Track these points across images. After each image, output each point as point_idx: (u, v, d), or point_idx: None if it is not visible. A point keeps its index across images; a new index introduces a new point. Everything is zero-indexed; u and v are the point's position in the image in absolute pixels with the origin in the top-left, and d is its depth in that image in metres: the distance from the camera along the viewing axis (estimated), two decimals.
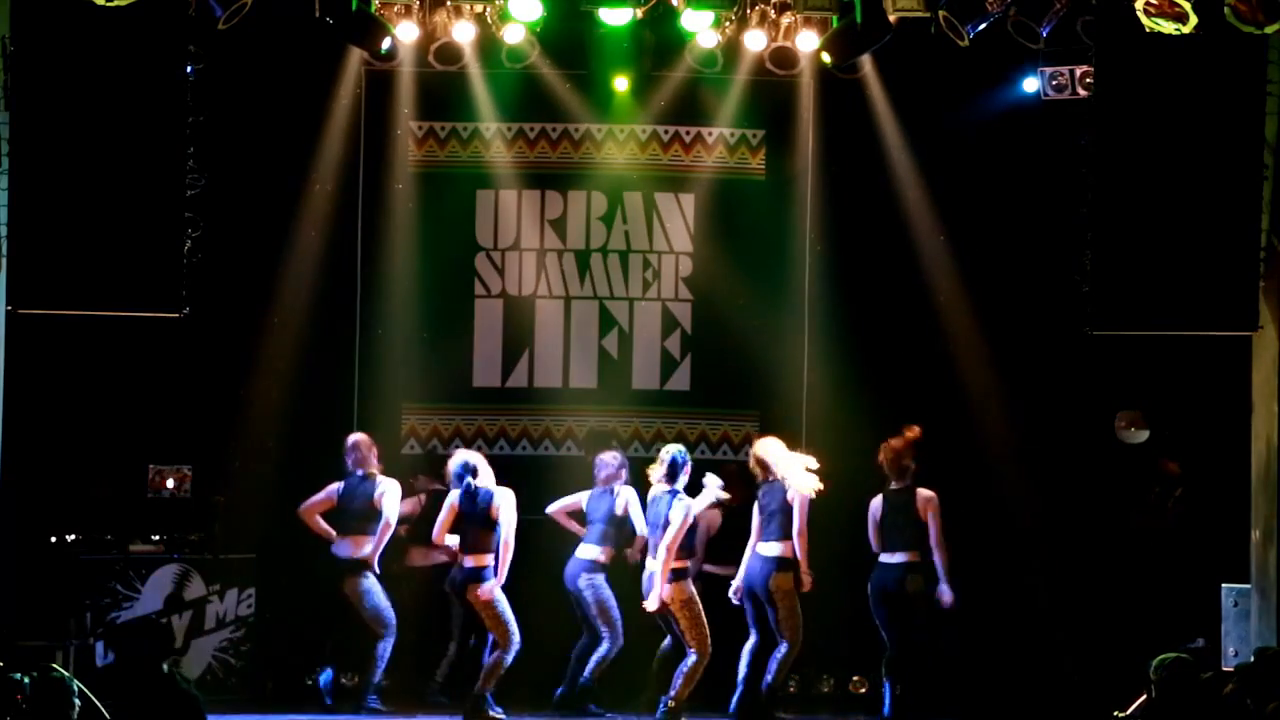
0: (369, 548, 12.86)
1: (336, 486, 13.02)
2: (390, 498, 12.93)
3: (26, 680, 9.20)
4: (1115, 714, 10.10)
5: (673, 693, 12.18)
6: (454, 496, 12.44)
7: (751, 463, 12.66)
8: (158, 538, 13.33)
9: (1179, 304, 12.17)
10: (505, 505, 12.37)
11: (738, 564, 12.65)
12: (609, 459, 12.93)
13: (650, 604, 12.21)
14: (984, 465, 13.71)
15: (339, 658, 13.15)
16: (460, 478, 12.39)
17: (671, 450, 12.42)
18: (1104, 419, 13.87)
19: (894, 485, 12.79)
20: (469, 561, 12.41)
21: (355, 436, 13.17)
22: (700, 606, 12.22)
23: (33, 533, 13.03)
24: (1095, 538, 13.74)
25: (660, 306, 14.37)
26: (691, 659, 12.17)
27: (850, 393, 13.97)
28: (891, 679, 12.62)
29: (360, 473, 13.02)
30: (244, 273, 13.80)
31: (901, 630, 12.62)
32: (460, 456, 12.55)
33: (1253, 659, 10.85)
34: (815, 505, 12.49)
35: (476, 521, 12.38)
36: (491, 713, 12.36)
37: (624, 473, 12.90)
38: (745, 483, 12.85)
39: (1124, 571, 13.59)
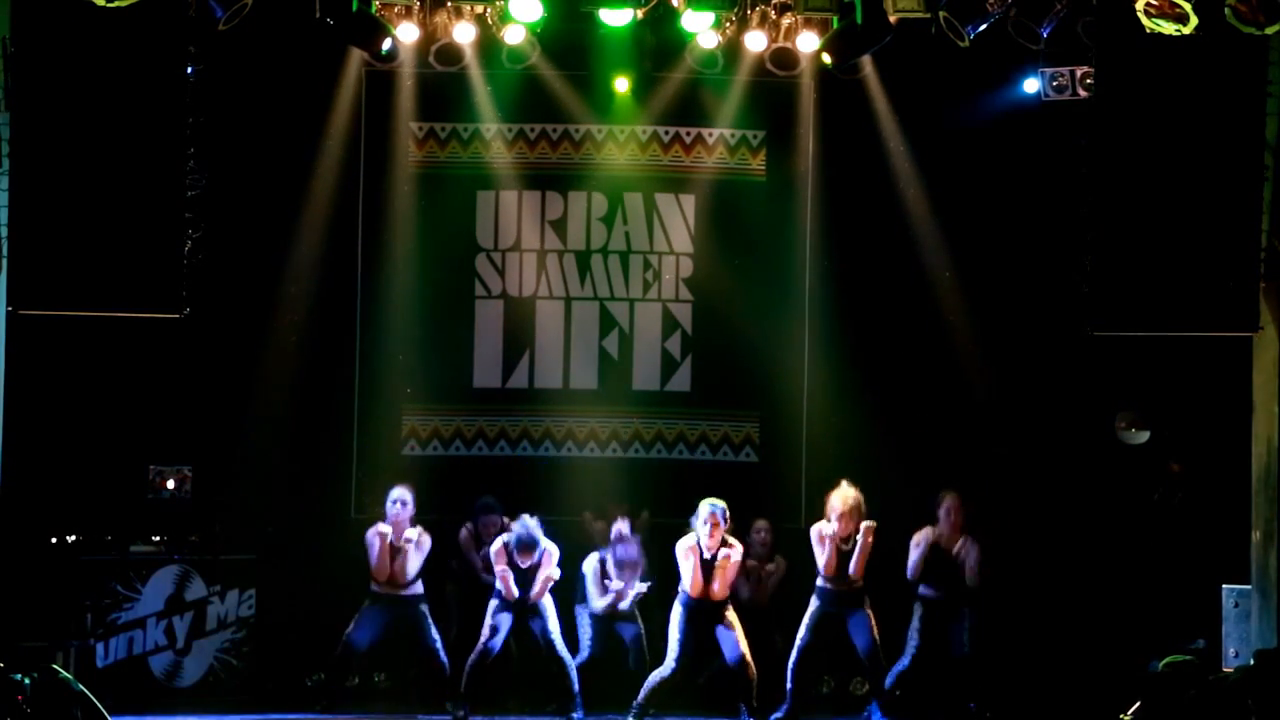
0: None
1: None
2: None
3: (27, 681, 9.22)
4: (1120, 716, 10.11)
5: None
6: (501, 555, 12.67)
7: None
8: (158, 538, 13.34)
9: (1179, 305, 12.16)
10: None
11: None
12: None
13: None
14: (983, 465, 13.69)
15: (340, 659, 13.16)
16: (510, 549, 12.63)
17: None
18: (1104, 419, 13.88)
19: None
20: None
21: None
22: (673, 625, 12.49)
23: (33, 533, 13.02)
24: (1095, 538, 13.74)
25: (661, 307, 14.37)
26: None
27: (850, 394, 13.97)
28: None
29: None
30: (244, 273, 13.81)
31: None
32: (520, 530, 12.66)
33: (1252, 661, 10.88)
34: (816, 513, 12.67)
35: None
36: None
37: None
38: None
39: (1124, 572, 13.59)
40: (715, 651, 12.68)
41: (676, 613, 12.50)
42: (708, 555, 12.39)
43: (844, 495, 12.69)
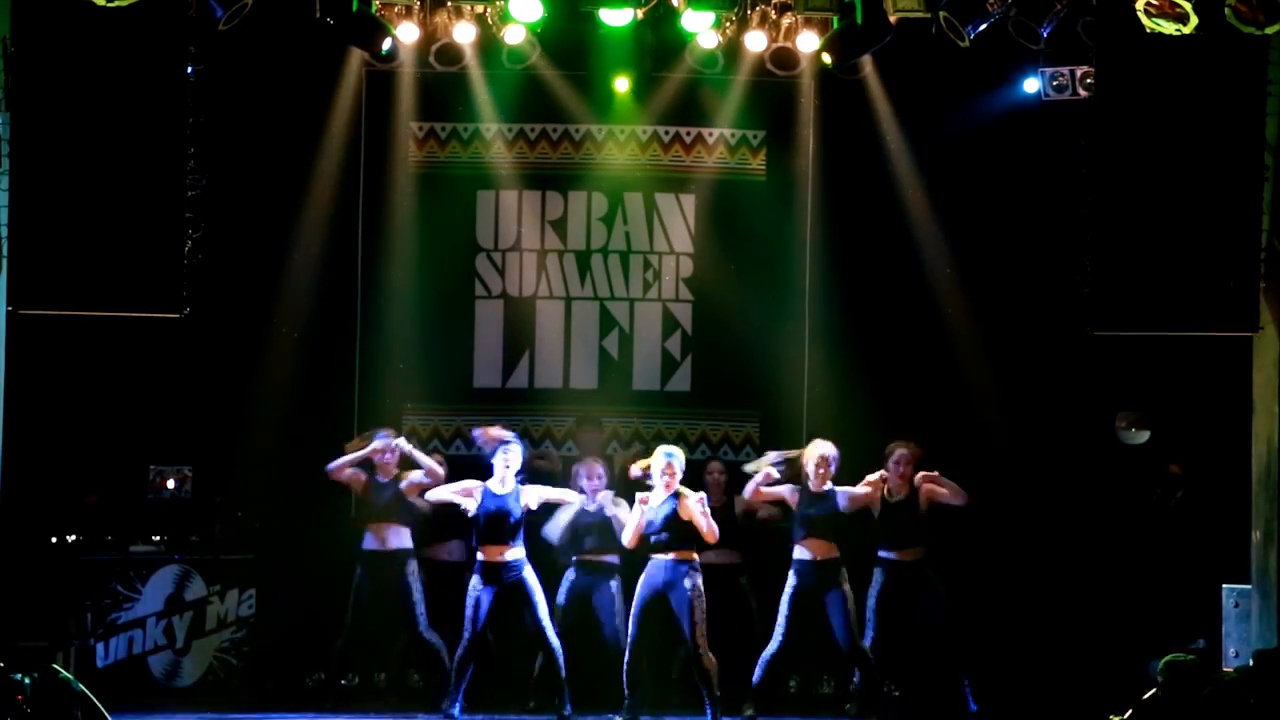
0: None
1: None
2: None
3: (27, 681, 9.22)
4: (1111, 718, 10.11)
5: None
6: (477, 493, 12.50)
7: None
8: (158, 538, 13.34)
9: (1179, 305, 12.17)
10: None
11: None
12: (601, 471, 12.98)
13: None
14: (984, 465, 13.69)
15: (343, 659, 13.16)
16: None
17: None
18: (1104, 419, 13.88)
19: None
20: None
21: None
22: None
23: (33, 533, 13.03)
24: (1095, 538, 13.74)
25: (661, 307, 14.37)
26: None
27: (851, 393, 13.97)
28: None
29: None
30: (244, 273, 13.81)
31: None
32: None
33: (1251, 661, 10.88)
34: None
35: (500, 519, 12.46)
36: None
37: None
38: None
39: (1124, 572, 13.59)
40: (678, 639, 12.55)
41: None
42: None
43: (814, 447, 12.63)
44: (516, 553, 12.46)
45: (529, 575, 12.45)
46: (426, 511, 13.09)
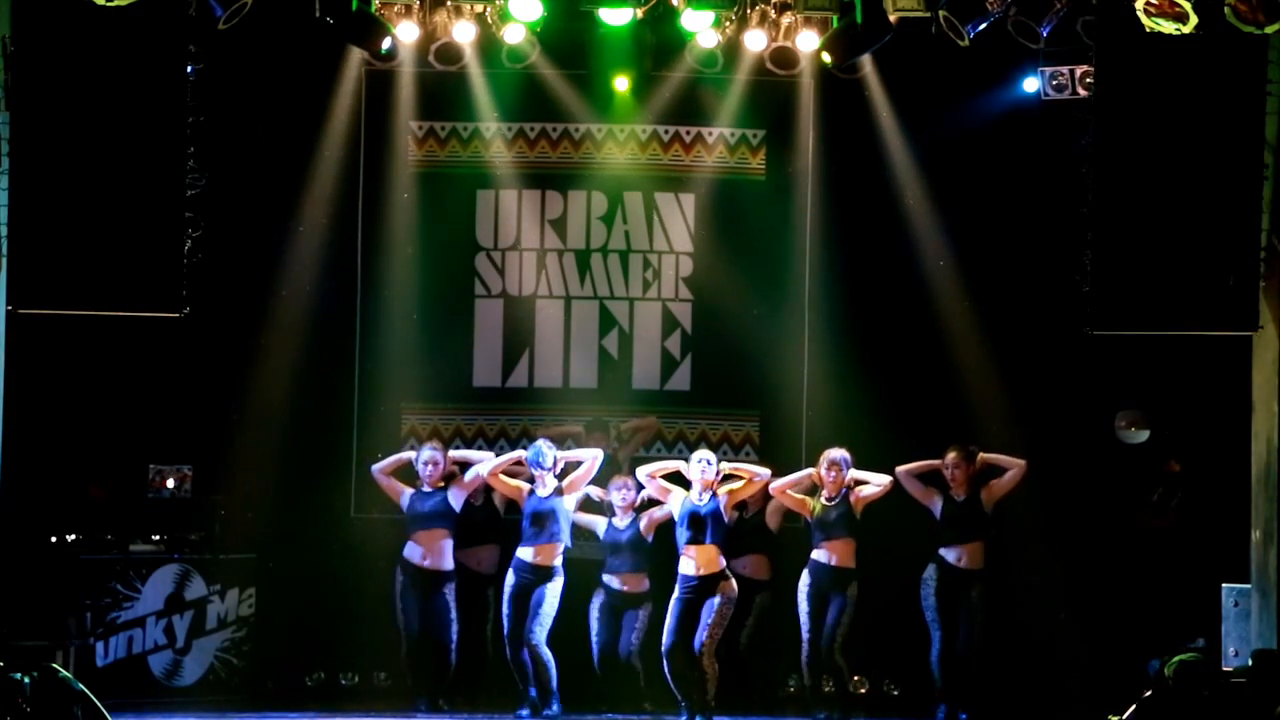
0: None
1: None
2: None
3: (27, 681, 9.23)
4: (1111, 717, 10.12)
5: None
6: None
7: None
8: (158, 538, 13.34)
9: (1179, 304, 12.19)
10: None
11: None
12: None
13: None
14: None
15: (339, 658, 13.18)
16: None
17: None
18: (1104, 419, 13.88)
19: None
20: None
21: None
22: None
23: (33, 533, 13.03)
24: (1095, 538, 13.75)
25: (660, 306, 14.37)
26: None
27: (850, 393, 13.97)
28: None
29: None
30: (244, 273, 13.81)
31: None
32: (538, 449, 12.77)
33: (1250, 662, 10.89)
34: None
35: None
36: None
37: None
38: None
39: (1124, 571, 13.60)
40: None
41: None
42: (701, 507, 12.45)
43: (826, 453, 12.84)
44: (555, 557, 12.60)
45: (553, 588, 12.56)
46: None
